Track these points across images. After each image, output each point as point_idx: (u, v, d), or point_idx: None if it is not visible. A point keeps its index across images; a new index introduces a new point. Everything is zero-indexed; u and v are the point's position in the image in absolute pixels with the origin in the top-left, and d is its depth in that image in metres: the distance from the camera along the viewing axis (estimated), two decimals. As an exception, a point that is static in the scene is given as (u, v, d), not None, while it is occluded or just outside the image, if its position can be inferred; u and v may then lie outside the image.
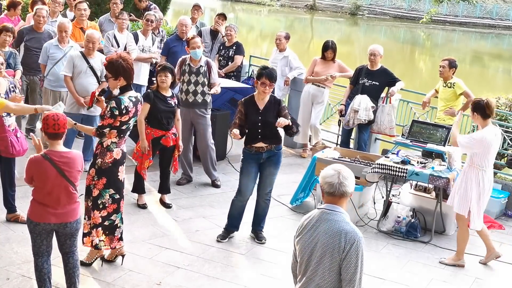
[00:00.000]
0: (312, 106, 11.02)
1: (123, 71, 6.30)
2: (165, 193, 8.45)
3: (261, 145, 7.31)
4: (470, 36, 48.85)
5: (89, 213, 6.49)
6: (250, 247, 7.53)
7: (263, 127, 7.26)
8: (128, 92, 6.40)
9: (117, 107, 6.21)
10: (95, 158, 6.43)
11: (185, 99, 8.93)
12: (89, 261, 6.59)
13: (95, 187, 6.42)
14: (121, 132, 6.38)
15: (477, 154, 7.26)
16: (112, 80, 6.37)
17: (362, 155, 9.07)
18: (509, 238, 8.60)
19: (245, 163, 7.43)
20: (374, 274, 7.05)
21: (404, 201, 8.63)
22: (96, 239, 6.51)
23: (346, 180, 4.15)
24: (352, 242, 4.01)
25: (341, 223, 4.08)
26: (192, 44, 8.87)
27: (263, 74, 7.18)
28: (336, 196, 4.13)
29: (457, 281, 7.23)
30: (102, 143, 6.37)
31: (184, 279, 6.58)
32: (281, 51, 11.46)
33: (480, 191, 7.32)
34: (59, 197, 5.51)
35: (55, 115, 5.51)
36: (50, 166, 5.43)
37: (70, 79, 8.90)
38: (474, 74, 27.64)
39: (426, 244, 8.04)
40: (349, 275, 4.01)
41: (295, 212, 8.65)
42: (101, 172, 6.39)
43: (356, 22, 53.26)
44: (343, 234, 4.03)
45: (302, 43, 34.61)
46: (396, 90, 10.06)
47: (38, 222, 5.51)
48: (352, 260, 4.01)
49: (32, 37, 10.19)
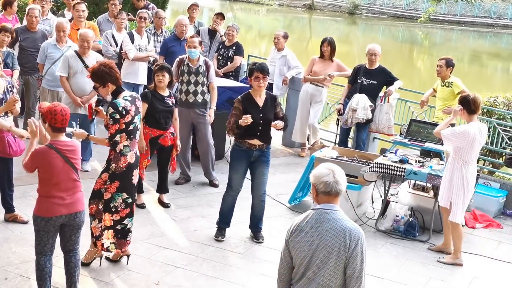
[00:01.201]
0: (310, 105, 11.02)
1: (108, 77, 6.29)
2: (164, 193, 8.45)
3: (255, 143, 7.31)
4: (468, 35, 48.87)
5: (100, 215, 6.46)
6: (248, 246, 7.53)
7: (264, 124, 7.27)
8: (121, 94, 6.38)
9: (115, 111, 6.21)
10: (108, 164, 6.40)
11: (185, 100, 8.93)
12: (87, 261, 6.58)
13: (107, 190, 6.41)
14: (130, 133, 6.37)
15: (461, 149, 7.33)
16: (101, 88, 6.37)
17: (361, 154, 9.08)
18: (507, 237, 8.61)
19: (234, 158, 7.45)
20: (373, 273, 7.05)
21: (403, 200, 8.64)
22: (107, 241, 6.50)
23: (340, 179, 4.14)
24: (357, 239, 4.03)
25: (344, 221, 4.08)
26: (189, 43, 8.89)
27: (253, 69, 7.25)
28: (332, 195, 4.11)
29: (455, 279, 7.24)
30: (115, 149, 6.36)
31: (182, 278, 6.58)
32: (279, 50, 11.46)
33: (464, 185, 7.38)
34: (66, 186, 5.55)
35: (62, 110, 5.54)
36: (56, 155, 5.47)
37: (66, 79, 8.90)
38: (473, 73, 27.65)
39: (425, 243, 8.05)
40: (356, 272, 4.01)
41: (293, 211, 8.65)
42: (114, 176, 6.38)
43: (354, 21, 53.27)
44: (347, 232, 4.03)
45: (300, 42, 34.63)
46: (394, 89, 10.07)
47: (50, 217, 5.50)
48: (358, 257, 4.01)
49: (26, 36, 10.19)
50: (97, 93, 9.07)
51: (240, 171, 7.47)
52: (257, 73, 7.20)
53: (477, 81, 23.09)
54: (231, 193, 7.58)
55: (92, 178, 8.76)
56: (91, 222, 6.50)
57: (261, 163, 7.44)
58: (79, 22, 10.81)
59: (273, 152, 11.08)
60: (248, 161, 7.41)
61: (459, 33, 49.49)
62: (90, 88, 8.96)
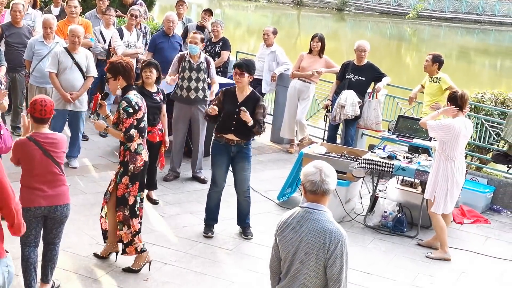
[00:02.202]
0: (298, 101, 11.02)
1: (122, 71, 6.32)
2: (152, 189, 8.43)
3: (231, 138, 7.32)
4: (456, 32, 48.97)
5: (128, 221, 6.44)
6: (237, 242, 7.53)
7: (238, 120, 7.24)
8: (131, 91, 6.41)
9: (129, 105, 6.23)
10: (125, 166, 6.37)
11: (186, 96, 8.92)
12: (137, 267, 6.52)
13: (130, 194, 6.40)
14: (141, 131, 6.38)
15: (445, 143, 7.39)
16: (112, 80, 6.39)
17: (349, 150, 9.09)
18: (494, 232, 8.66)
19: (215, 154, 7.47)
20: (361, 268, 7.08)
21: (391, 196, 8.67)
22: (140, 244, 6.49)
23: (328, 178, 4.07)
24: (337, 242, 3.99)
25: (325, 223, 4.05)
26: (190, 39, 8.94)
27: (234, 65, 7.38)
28: (318, 194, 4.07)
29: (443, 275, 7.27)
30: (129, 148, 6.33)
31: (171, 275, 6.58)
32: (268, 46, 11.46)
33: (449, 179, 7.44)
34: (46, 179, 5.55)
35: (42, 101, 5.53)
36: (35, 147, 5.48)
37: (55, 76, 8.86)
38: (461, 70, 27.73)
39: (413, 239, 8.08)
40: (335, 275, 3.99)
41: (282, 207, 8.66)
42: (134, 177, 6.38)
43: (342, 18, 53.29)
44: (328, 233, 4.00)
45: (289, 39, 34.58)
46: (383, 86, 10.09)
47: (29, 207, 5.49)
48: (337, 260, 3.98)
49: (12, 32, 10.12)
50: (87, 90, 9.14)
51: (222, 166, 7.47)
52: (235, 69, 7.31)
53: (465, 77, 23.18)
54: (216, 189, 7.58)
55: (81, 175, 8.82)
56: (121, 229, 6.47)
57: (241, 158, 7.44)
58: (72, 18, 10.67)
59: (262, 148, 11.15)
60: (229, 156, 7.41)
61: (447, 29, 49.59)
62: (80, 84, 8.94)
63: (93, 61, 9.41)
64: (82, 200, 8.13)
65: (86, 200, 8.14)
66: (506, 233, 8.65)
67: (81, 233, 7.23)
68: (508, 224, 9.00)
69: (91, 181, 8.83)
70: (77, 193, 8.28)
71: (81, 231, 7.29)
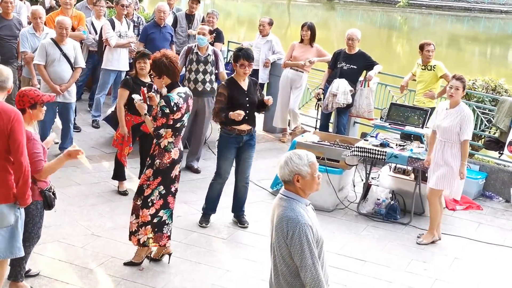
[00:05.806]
0: (291, 90, 11.05)
1: (165, 70, 6.23)
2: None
3: (244, 128, 7.32)
4: (446, 20, 48.98)
5: (138, 211, 6.42)
6: (231, 231, 7.56)
7: (251, 108, 7.29)
8: (176, 89, 6.31)
9: (166, 105, 6.13)
10: (153, 160, 6.33)
11: (194, 88, 8.92)
12: (138, 260, 6.51)
13: (149, 187, 6.35)
14: (176, 131, 6.32)
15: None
16: (156, 79, 6.33)
17: (342, 138, 9.12)
18: (486, 218, 8.72)
19: (223, 146, 7.42)
20: (355, 256, 7.13)
21: (384, 183, 8.71)
22: (144, 236, 6.43)
23: (288, 167, 4.10)
24: (294, 229, 3.99)
25: (287, 210, 4.08)
26: (199, 30, 9.03)
27: (240, 56, 7.23)
28: (286, 182, 4.16)
29: (437, 261, 7.33)
30: (159, 144, 6.30)
31: (166, 264, 6.60)
32: (264, 36, 11.48)
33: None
34: None
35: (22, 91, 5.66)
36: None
37: (44, 68, 8.83)
38: (451, 57, 27.74)
39: (406, 226, 8.13)
40: (298, 262, 4.00)
41: (275, 196, 8.63)
42: (158, 172, 6.33)
43: (333, 7, 53.18)
44: (285, 220, 4.03)
45: (279, 28, 34.47)
46: (374, 74, 10.11)
47: None
48: (297, 247, 3.98)
49: (2, 25, 10.04)
50: (75, 81, 9.10)
51: (230, 158, 7.48)
52: (243, 60, 7.19)
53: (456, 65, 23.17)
54: (220, 181, 7.58)
55: (74, 166, 8.81)
56: (132, 216, 6.48)
57: (249, 146, 7.46)
58: (66, 10, 10.58)
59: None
60: (237, 148, 7.42)
61: (437, 17, 49.60)
62: (69, 76, 8.92)
63: (81, 52, 9.38)
64: (76, 191, 8.13)
65: (80, 191, 8.14)
66: (498, 219, 8.72)
67: (75, 224, 7.24)
68: (500, 210, 9.07)
69: (85, 172, 8.82)
70: (71, 184, 8.28)
71: (76, 221, 7.30)
